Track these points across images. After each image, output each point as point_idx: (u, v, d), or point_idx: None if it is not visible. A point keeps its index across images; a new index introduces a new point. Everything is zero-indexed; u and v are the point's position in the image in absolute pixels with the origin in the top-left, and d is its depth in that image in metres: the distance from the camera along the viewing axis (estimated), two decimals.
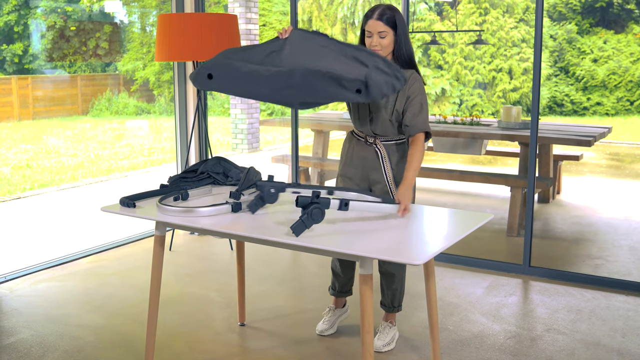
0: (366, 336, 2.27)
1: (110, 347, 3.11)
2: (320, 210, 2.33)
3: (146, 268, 4.26)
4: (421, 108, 2.75)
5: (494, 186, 6.56)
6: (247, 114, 9.24)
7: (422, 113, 2.75)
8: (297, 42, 2.50)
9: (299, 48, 2.46)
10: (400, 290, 3.12)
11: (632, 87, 14.29)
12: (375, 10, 2.73)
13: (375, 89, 2.38)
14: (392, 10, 2.74)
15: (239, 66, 2.52)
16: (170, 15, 4.15)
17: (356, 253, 2.14)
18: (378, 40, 2.72)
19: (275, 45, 2.56)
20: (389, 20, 2.71)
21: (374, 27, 2.71)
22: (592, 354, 3.02)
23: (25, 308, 3.58)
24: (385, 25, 2.71)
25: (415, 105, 2.75)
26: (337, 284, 3.23)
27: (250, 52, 2.56)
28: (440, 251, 2.18)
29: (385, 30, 2.71)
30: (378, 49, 2.72)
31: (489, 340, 3.17)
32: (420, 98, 2.76)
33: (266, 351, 3.07)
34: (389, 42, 2.74)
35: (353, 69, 2.39)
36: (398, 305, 3.15)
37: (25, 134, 11.33)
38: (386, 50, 2.75)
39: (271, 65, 2.50)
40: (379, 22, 2.71)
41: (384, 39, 2.72)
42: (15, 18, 13.58)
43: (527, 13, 14.22)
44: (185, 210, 2.54)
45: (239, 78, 2.53)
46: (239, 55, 2.57)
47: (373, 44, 2.73)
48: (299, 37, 2.53)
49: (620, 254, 4.58)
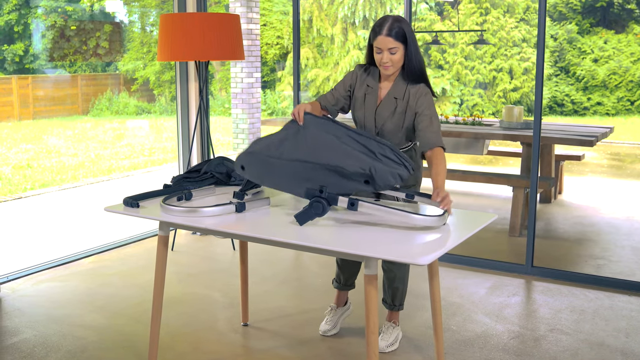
0: (371, 336, 2.27)
1: (114, 347, 3.11)
2: (320, 203, 2.34)
3: (148, 268, 4.26)
4: (430, 122, 2.66)
5: (495, 186, 6.55)
6: (248, 113, 9.23)
7: (431, 127, 2.66)
8: (311, 135, 2.51)
9: (313, 141, 2.48)
10: (401, 290, 3.11)
11: (633, 87, 14.29)
12: (383, 25, 2.63)
13: (380, 180, 2.36)
14: (400, 23, 2.64)
15: (262, 159, 2.56)
16: (173, 15, 4.14)
17: (361, 253, 2.14)
18: (389, 57, 2.65)
19: (291, 132, 2.56)
20: (399, 34, 2.62)
21: (384, 43, 2.63)
22: (596, 354, 3.02)
23: (27, 308, 3.57)
24: (395, 40, 2.62)
25: (425, 121, 2.67)
26: (342, 276, 3.22)
27: (270, 142, 2.58)
28: (445, 252, 2.18)
29: (396, 46, 2.63)
30: (389, 64, 2.66)
31: (493, 341, 3.16)
32: (429, 112, 2.68)
33: (270, 351, 3.07)
34: (399, 58, 2.66)
35: (361, 162, 2.37)
36: (399, 305, 3.14)
37: (26, 133, 11.33)
38: (397, 65, 2.68)
39: (288, 159, 2.50)
40: (389, 38, 2.62)
41: (394, 54, 2.65)
42: (16, 18, 13.57)
43: (528, 13, 14.22)
44: (189, 210, 2.54)
45: (263, 170, 2.56)
46: (262, 145, 2.59)
47: (384, 61, 2.66)
48: (313, 126, 2.53)
49: (622, 254, 4.57)
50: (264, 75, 15.01)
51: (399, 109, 2.74)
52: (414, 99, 2.70)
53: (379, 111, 2.77)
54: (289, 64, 14.66)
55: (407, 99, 2.72)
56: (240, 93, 8.95)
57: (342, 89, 2.89)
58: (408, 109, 2.72)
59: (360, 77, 2.85)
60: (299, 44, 4.88)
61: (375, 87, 2.80)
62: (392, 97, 2.75)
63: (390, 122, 2.76)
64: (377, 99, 2.79)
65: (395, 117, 2.75)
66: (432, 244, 2.23)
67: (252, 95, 9.01)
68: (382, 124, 2.77)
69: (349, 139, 2.45)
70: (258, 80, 9.08)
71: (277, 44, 15.23)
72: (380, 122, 2.78)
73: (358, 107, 2.84)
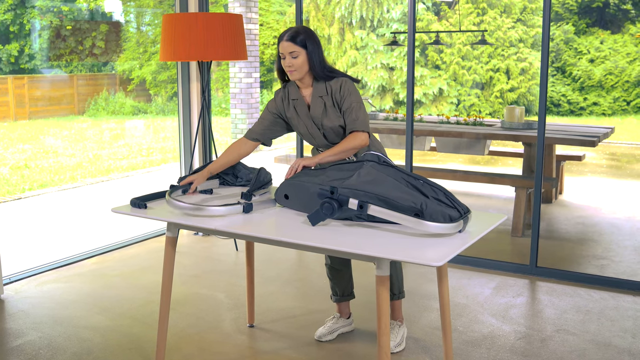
0: (382, 338, 2.26)
1: (120, 349, 3.09)
2: (331, 205, 2.34)
3: (151, 269, 4.24)
4: (350, 107, 2.79)
5: (495, 186, 6.56)
6: (247, 113, 9.21)
7: (353, 111, 2.79)
8: (366, 171, 2.50)
9: (367, 177, 2.47)
10: (395, 276, 3.06)
11: (629, 88, 14.33)
12: (284, 33, 2.81)
13: (430, 217, 2.33)
14: (299, 30, 2.82)
15: (308, 187, 2.55)
16: (175, 15, 4.13)
17: (372, 254, 2.13)
18: (291, 61, 2.79)
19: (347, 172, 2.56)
20: (297, 39, 2.78)
21: (284, 48, 2.79)
22: (604, 354, 3.02)
23: (31, 309, 3.55)
24: (294, 45, 2.78)
25: (346, 105, 2.80)
26: (337, 288, 3.21)
27: (316, 176, 2.59)
28: (458, 252, 2.17)
29: (295, 49, 2.78)
30: (292, 69, 2.80)
31: (500, 341, 3.16)
32: (350, 99, 2.80)
33: (277, 353, 3.06)
34: (302, 61, 2.80)
35: (414, 197, 2.36)
36: (399, 292, 3.09)
37: (22, 133, 11.29)
38: (301, 69, 2.80)
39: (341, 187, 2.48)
40: (288, 43, 2.78)
41: (296, 58, 2.79)
42: (11, 17, 13.52)
43: (525, 13, 14.24)
44: (196, 209, 2.53)
45: (308, 199, 2.55)
46: (311, 176, 2.60)
47: (287, 65, 2.80)
48: (370, 165, 2.54)
49: (625, 255, 4.58)
50: (260, 76, 14.99)
51: (328, 103, 2.85)
52: (337, 91, 2.83)
53: (312, 113, 2.88)
54: None
55: (331, 93, 2.85)
56: (239, 93, 8.94)
57: (268, 116, 2.98)
58: (335, 102, 2.84)
59: (283, 98, 2.97)
60: None
61: (299, 96, 2.92)
62: (317, 97, 2.87)
63: (327, 120, 2.85)
64: (306, 105, 2.90)
65: (329, 112, 2.85)
66: (443, 244, 2.22)
67: (251, 95, 9.00)
68: (321, 123, 2.87)
69: (404, 181, 2.46)
70: (257, 81, 9.08)
71: (273, 44, 15.20)
72: (319, 123, 2.87)
73: (295, 122, 2.94)
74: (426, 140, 6.22)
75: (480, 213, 2.64)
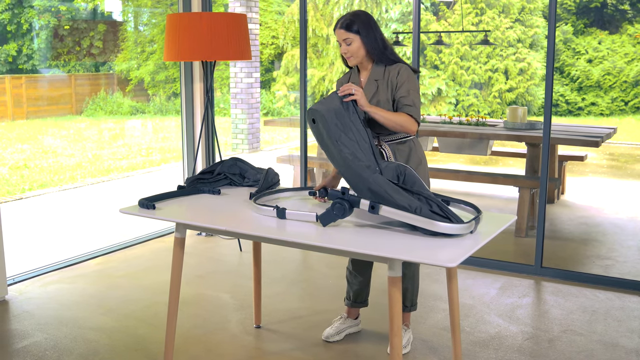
0: (395, 339, 2.25)
1: (126, 350, 3.08)
2: (342, 205, 2.33)
3: (155, 269, 4.22)
4: (408, 93, 2.76)
5: (497, 186, 6.56)
6: (247, 113, 9.19)
7: (410, 96, 2.76)
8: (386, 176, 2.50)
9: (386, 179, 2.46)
10: (411, 290, 3.09)
11: (627, 88, 14.36)
12: (338, 20, 2.81)
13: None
14: (353, 16, 2.80)
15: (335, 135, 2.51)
16: (180, 14, 4.11)
17: (385, 255, 2.12)
18: (346, 48, 2.80)
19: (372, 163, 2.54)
20: (349, 26, 2.77)
21: (338, 35, 2.80)
22: (612, 355, 3.02)
23: (36, 310, 3.54)
24: (347, 32, 2.77)
25: (403, 91, 2.77)
26: (352, 293, 3.20)
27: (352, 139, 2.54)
28: (471, 253, 2.17)
29: (349, 37, 2.77)
30: (349, 55, 2.81)
31: (507, 342, 3.16)
32: (408, 85, 2.78)
33: (284, 354, 3.04)
34: (357, 47, 2.79)
35: (411, 201, 2.35)
36: (411, 305, 3.11)
37: (20, 133, 11.25)
38: (357, 54, 2.80)
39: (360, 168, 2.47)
40: (341, 30, 2.78)
41: (350, 45, 2.79)
42: (9, 17, 13.48)
43: (523, 13, 14.26)
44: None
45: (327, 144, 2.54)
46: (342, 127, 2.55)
47: (343, 51, 2.81)
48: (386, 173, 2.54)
49: (629, 255, 4.58)
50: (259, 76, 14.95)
51: (382, 86, 2.82)
52: (395, 76, 2.81)
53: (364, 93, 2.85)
54: (284, 64, 14.62)
55: (388, 77, 2.82)
56: (239, 93, 8.92)
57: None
58: (390, 86, 2.82)
59: (348, 80, 2.98)
60: (306, 45, 4.87)
61: (357, 80, 2.92)
62: (373, 80, 2.86)
63: (375, 99, 2.82)
64: (361, 87, 2.90)
65: (380, 93, 2.81)
66: (455, 245, 2.22)
67: (252, 95, 8.98)
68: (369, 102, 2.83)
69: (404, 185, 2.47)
70: (257, 80, 9.06)
71: (272, 44, 15.19)
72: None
73: None
74: (428, 140, 6.22)
75: (489, 214, 2.64)
